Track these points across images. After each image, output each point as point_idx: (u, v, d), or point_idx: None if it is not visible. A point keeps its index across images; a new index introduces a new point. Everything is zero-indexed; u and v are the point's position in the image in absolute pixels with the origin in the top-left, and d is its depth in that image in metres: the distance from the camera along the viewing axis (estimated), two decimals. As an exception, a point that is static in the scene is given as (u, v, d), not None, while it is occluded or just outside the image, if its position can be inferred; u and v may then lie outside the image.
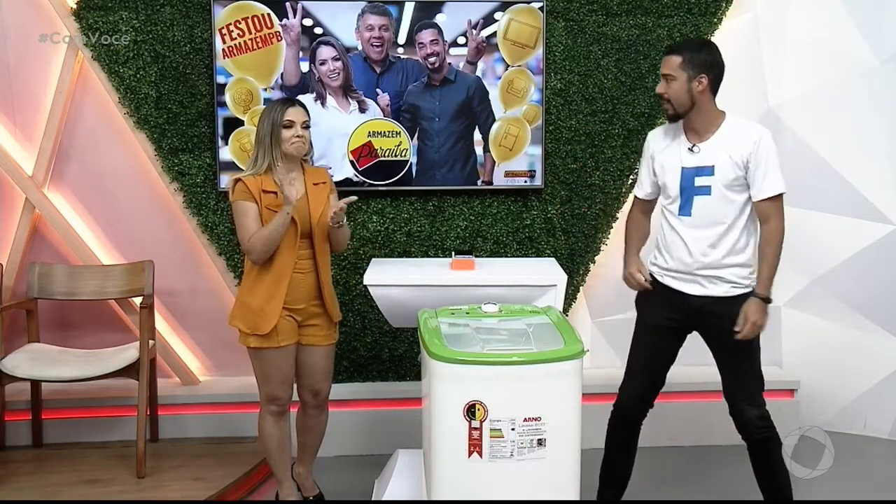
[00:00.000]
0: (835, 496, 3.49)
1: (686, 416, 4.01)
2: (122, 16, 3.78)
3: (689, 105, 2.89)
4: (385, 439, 3.82)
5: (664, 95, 2.92)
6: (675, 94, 2.89)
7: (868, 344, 4.07)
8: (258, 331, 2.99)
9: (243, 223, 2.97)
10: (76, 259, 3.92)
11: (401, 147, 3.90)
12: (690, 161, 2.92)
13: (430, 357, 2.49)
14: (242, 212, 2.97)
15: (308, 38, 3.82)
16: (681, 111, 2.91)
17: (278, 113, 2.98)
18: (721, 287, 2.93)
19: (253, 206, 2.96)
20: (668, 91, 2.90)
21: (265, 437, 3.16)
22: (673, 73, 2.88)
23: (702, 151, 2.91)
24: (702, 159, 2.90)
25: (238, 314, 3.06)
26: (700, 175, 2.90)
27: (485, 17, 3.84)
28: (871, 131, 3.99)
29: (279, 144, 2.98)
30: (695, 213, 2.92)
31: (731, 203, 2.90)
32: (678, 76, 2.88)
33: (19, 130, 3.90)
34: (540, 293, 3.03)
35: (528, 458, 2.47)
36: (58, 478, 3.49)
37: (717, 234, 2.91)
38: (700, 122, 2.92)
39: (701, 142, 2.92)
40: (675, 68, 2.88)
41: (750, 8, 4.04)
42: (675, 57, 2.89)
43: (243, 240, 2.98)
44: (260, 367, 3.08)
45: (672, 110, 2.92)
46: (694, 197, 2.92)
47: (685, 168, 2.93)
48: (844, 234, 4.04)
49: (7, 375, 3.50)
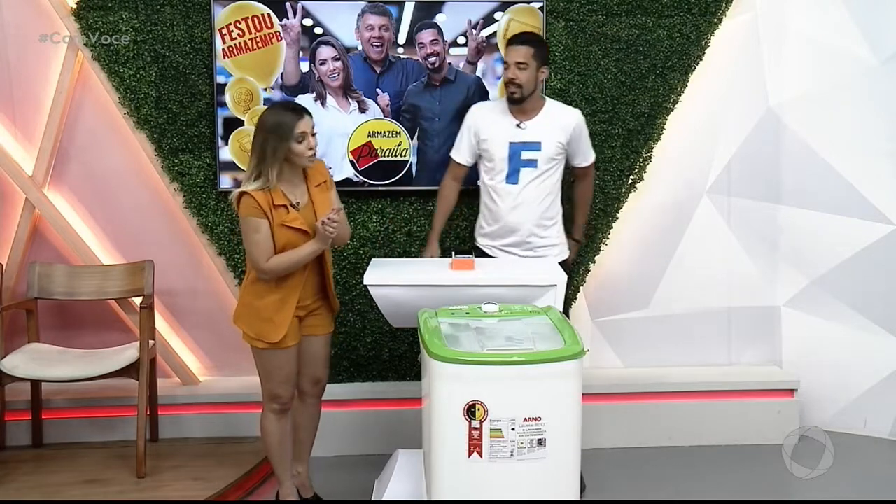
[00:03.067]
0: (835, 496, 3.50)
1: (686, 416, 4.01)
2: (122, 16, 3.78)
3: (532, 90, 3.37)
4: (385, 439, 3.82)
5: (515, 81, 3.33)
6: (526, 81, 3.34)
7: (868, 344, 4.07)
8: (266, 339, 2.98)
9: (255, 240, 2.88)
10: (76, 259, 3.92)
11: (401, 147, 3.90)
12: (519, 136, 3.39)
13: (430, 357, 2.49)
14: (254, 228, 2.88)
15: (308, 38, 3.82)
16: (527, 95, 3.36)
17: (288, 128, 2.86)
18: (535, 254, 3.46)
19: (265, 223, 2.88)
20: (520, 77, 3.33)
21: (267, 436, 3.16)
22: (526, 61, 3.32)
23: (528, 129, 3.39)
24: (529, 135, 3.38)
25: (244, 317, 3.04)
26: (524, 149, 3.38)
27: (485, 17, 3.84)
28: (871, 131, 3.99)
29: (290, 160, 2.91)
30: (522, 182, 3.40)
31: (552, 175, 3.44)
32: (529, 65, 3.33)
33: (19, 130, 3.90)
34: (540, 293, 3.03)
35: (528, 458, 2.47)
36: (58, 478, 3.49)
37: (543, 207, 3.44)
38: (530, 105, 3.41)
39: (528, 120, 3.40)
40: (528, 57, 3.33)
41: (750, 8, 4.04)
42: (528, 48, 3.34)
43: (258, 258, 2.89)
44: (264, 366, 3.08)
45: (519, 94, 3.35)
46: (519, 168, 3.39)
47: (514, 143, 3.39)
48: (844, 234, 4.04)
49: (7, 375, 3.50)
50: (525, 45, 3.36)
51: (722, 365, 4.25)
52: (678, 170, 4.09)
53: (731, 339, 4.24)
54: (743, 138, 4.11)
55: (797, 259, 4.17)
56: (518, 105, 3.41)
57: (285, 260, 2.91)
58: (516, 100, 3.38)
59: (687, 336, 4.21)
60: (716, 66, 4.04)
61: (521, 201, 3.42)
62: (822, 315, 4.15)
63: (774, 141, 4.11)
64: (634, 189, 4.05)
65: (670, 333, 4.19)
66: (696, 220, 4.15)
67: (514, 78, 3.33)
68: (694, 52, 3.98)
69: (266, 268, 2.90)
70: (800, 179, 4.11)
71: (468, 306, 2.84)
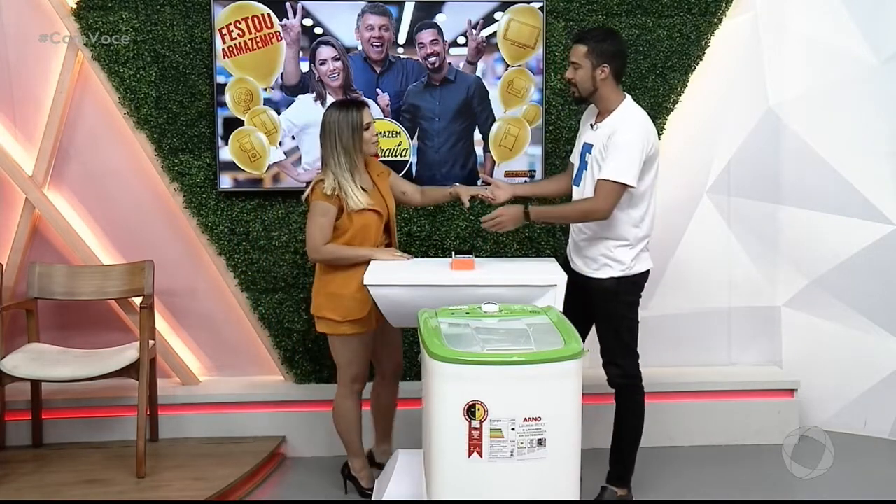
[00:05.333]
0: (835, 496, 3.50)
1: (686, 416, 4.01)
2: (122, 16, 3.78)
3: (591, 90, 3.19)
4: (385, 439, 3.82)
5: (571, 80, 3.22)
6: (581, 80, 3.19)
7: (868, 344, 4.07)
8: (353, 316, 3.19)
9: (320, 223, 3.16)
10: (76, 259, 3.92)
11: (401, 147, 3.90)
12: (590, 137, 3.26)
13: (430, 357, 2.49)
14: (321, 212, 3.15)
15: (308, 38, 3.82)
16: (585, 95, 3.22)
17: (356, 118, 3.17)
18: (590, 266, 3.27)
19: (333, 210, 3.15)
20: (575, 77, 3.20)
21: (347, 415, 3.35)
22: (578, 61, 3.17)
23: (598, 130, 3.22)
24: (595, 137, 3.22)
25: (327, 304, 3.23)
26: (588, 151, 3.24)
27: (485, 17, 3.84)
28: (871, 131, 3.99)
29: (361, 149, 3.20)
30: (583, 185, 3.26)
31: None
32: (583, 64, 3.17)
33: (19, 130, 3.90)
34: (540, 293, 3.03)
35: (528, 458, 2.47)
36: (58, 478, 3.49)
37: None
38: (602, 105, 3.24)
39: (600, 122, 3.24)
40: (580, 56, 3.17)
41: (750, 8, 4.04)
42: (581, 46, 3.18)
43: (317, 240, 3.16)
44: (349, 351, 3.27)
45: (577, 94, 3.23)
46: (583, 171, 3.27)
47: (585, 143, 3.27)
48: (844, 234, 4.04)
49: (7, 375, 3.50)
50: (579, 43, 3.20)
51: (722, 365, 4.25)
52: (678, 170, 4.09)
53: (731, 339, 4.25)
54: (743, 138, 4.11)
55: (797, 259, 4.17)
56: (587, 104, 3.33)
57: (339, 251, 3.19)
58: (577, 99, 3.27)
59: (687, 336, 4.21)
60: (716, 66, 4.04)
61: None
62: (822, 315, 4.15)
63: (774, 141, 4.11)
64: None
65: (670, 333, 4.19)
66: (696, 220, 4.15)
67: (570, 78, 3.22)
68: (694, 52, 3.98)
69: (322, 250, 3.17)
70: (800, 179, 4.11)
71: (468, 306, 2.83)
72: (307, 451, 3.93)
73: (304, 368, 4.03)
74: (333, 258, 3.19)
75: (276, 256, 3.94)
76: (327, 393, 3.95)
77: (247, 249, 3.94)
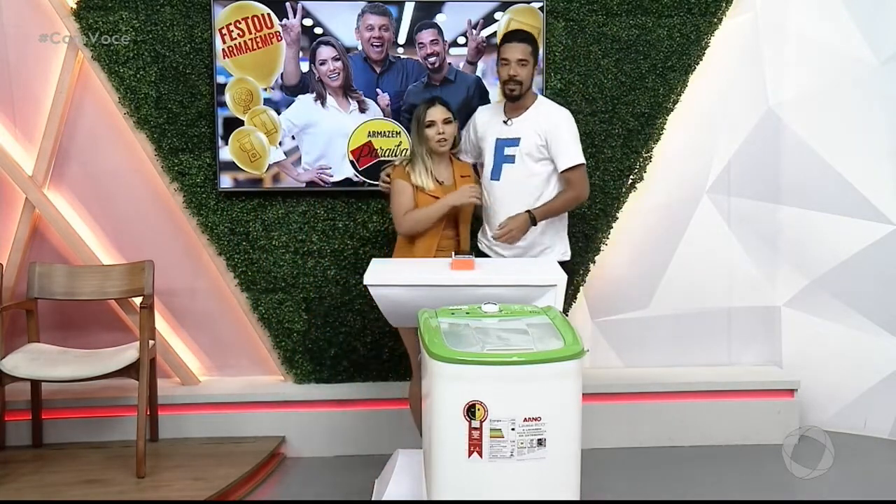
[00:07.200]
0: (835, 496, 3.50)
1: (686, 416, 4.01)
2: (122, 16, 3.78)
3: (528, 87, 3.39)
4: (385, 439, 3.82)
5: (516, 77, 3.33)
6: (526, 78, 3.35)
7: (868, 344, 4.07)
8: None
9: (400, 200, 3.35)
10: (76, 259, 3.92)
11: (401, 147, 3.90)
12: (505, 132, 3.41)
13: (430, 357, 2.49)
14: (400, 190, 3.36)
15: (308, 38, 3.82)
16: (523, 92, 3.37)
17: (422, 114, 3.34)
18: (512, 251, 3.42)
19: (409, 187, 3.35)
20: (521, 74, 3.34)
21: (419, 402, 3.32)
22: (527, 58, 3.35)
23: (514, 125, 3.39)
24: (515, 131, 3.38)
25: None
26: (508, 145, 3.39)
27: (485, 17, 3.84)
28: (871, 131, 3.99)
29: (425, 142, 3.34)
30: (503, 178, 3.41)
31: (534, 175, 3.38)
32: (529, 62, 3.35)
33: (19, 130, 3.90)
34: (540, 293, 3.03)
35: (528, 458, 2.47)
36: (58, 478, 3.49)
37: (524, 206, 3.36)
38: (522, 102, 3.40)
39: (515, 117, 3.40)
40: (528, 55, 3.35)
41: (750, 8, 4.04)
42: (528, 45, 3.36)
43: (398, 211, 3.35)
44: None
45: (518, 91, 3.36)
46: (502, 164, 3.40)
47: (499, 139, 3.41)
48: (844, 234, 4.04)
49: (7, 375, 3.50)
50: (525, 42, 3.37)
51: (722, 365, 4.25)
52: (678, 170, 4.09)
53: (731, 339, 4.25)
54: (743, 138, 4.11)
55: (797, 259, 4.17)
56: (514, 102, 3.41)
57: (416, 213, 3.34)
58: (515, 97, 3.38)
59: (687, 336, 4.21)
60: (716, 66, 4.04)
61: (501, 197, 3.43)
62: (822, 315, 4.15)
63: (774, 141, 4.11)
64: (634, 189, 4.05)
65: (670, 333, 4.19)
66: (696, 220, 4.15)
67: (516, 75, 3.33)
68: (694, 52, 3.98)
69: (404, 218, 3.35)
70: (800, 179, 4.11)
71: (468, 306, 2.83)
72: (307, 451, 3.93)
73: (304, 368, 4.03)
74: (414, 222, 3.33)
75: (275, 256, 3.95)
76: (327, 393, 3.96)
77: (247, 249, 3.94)
